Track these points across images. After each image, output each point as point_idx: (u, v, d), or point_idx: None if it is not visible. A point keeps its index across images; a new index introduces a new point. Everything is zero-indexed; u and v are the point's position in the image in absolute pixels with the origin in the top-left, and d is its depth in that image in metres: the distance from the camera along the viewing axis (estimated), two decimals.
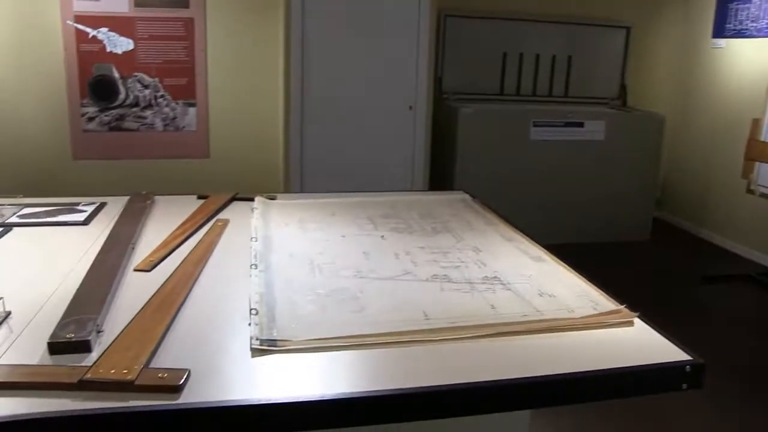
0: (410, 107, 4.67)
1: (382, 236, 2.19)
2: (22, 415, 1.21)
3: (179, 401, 1.25)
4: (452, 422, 1.45)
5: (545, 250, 2.10)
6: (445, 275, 1.85)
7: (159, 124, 4.35)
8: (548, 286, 1.80)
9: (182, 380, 1.29)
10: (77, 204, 2.50)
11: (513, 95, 6.09)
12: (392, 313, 1.60)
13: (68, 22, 4.21)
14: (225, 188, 2.83)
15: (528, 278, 1.85)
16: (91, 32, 4.30)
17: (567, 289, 1.78)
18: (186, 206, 2.50)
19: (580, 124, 5.59)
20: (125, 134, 4.31)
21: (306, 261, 1.94)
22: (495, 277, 1.85)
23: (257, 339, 1.45)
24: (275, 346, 1.43)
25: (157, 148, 4.30)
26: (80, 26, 4.24)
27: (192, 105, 4.35)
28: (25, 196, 2.64)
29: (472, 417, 1.44)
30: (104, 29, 4.25)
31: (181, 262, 1.90)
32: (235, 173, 4.28)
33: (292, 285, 1.76)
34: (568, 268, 1.95)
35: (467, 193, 2.81)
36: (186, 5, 4.27)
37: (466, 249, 2.09)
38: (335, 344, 1.45)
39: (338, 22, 4.31)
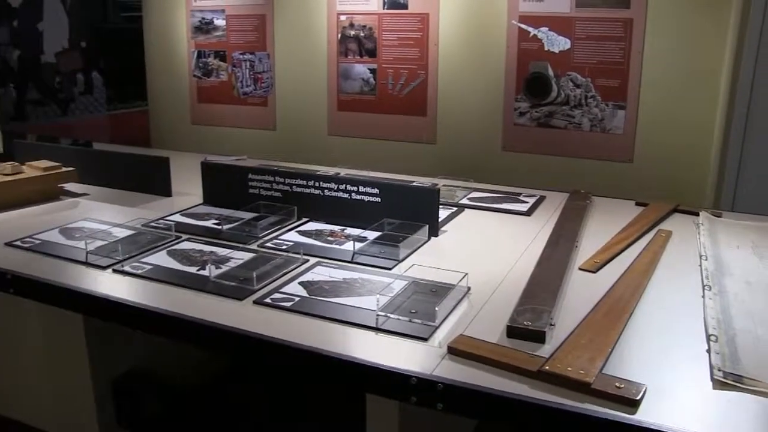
0: None
1: None
2: (483, 387, 1.29)
3: (637, 417, 1.20)
4: None
5: None
6: None
7: (586, 123, 4.33)
8: None
9: (640, 395, 1.24)
10: (519, 194, 2.62)
11: None
12: None
13: (513, 21, 4.41)
14: (646, 195, 2.71)
15: None
16: (533, 31, 4.45)
17: None
18: (624, 211, 2.44)
19: None
20: (552, 131, 4.39)
21: (765, 291, 1.74)
22: None
23: (720, 370, 1.33)
24: (741, 383, 1.30)
25: (581, 148, 4.30)
26: (523, 25, 4.42)
27: (621, 107, 4.24)
28: (453, 179, 2.87)
29: None
30: (544, 28, 4.37)
31: (627, 269, 1.85)
32: (658, 180, 4.06)
33: (753, 317, 1.58)
34: None
35: None
36: (627, 5, 4.16)
37: None
38: None
39: None
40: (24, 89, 8.28)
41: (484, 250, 2.06)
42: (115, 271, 1.88)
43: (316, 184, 2.27)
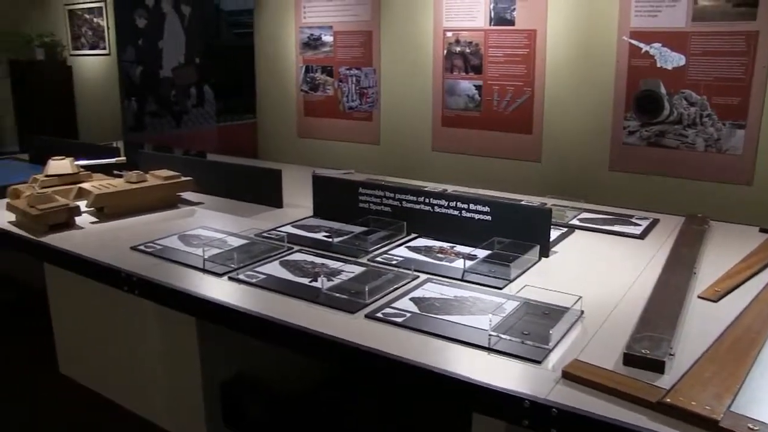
0: None
1: None
2: (599, 415, 1.25)
3: None
4: None
5: None
6: None
7: (700, 143, 4.16)
8: None
9: None
10: (631, 217, 2.54)
11: None
12: None
13: (624, 37, 4.30)
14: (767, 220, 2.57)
15: None
16: (644, 47, 4.32)
17: None
18: (746, 237, 2.33)
19: None
20: (664, 151, 4.24)
21: None
22: None
23: None
24: None
25: (694, 169, 4.12)
26: (634, 41, 4.30)
27: (740, 126, 4.05)
28: (563, 198, 2.82)
29: None
30: (657, 44, 4.24)
31: (753, 300, 1.75)
32: None
33: None
34: None
35: None
36: (753, 17, 3.96)
37: None
38: None
39: None
40: (144, 102, 8.78)
41: (596, 273, 2.01)
42: (230, 278, 1.95)
43: (426, 201, 2.28)
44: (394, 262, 2.03)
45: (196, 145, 8.42)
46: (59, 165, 2.99)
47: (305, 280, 1.89)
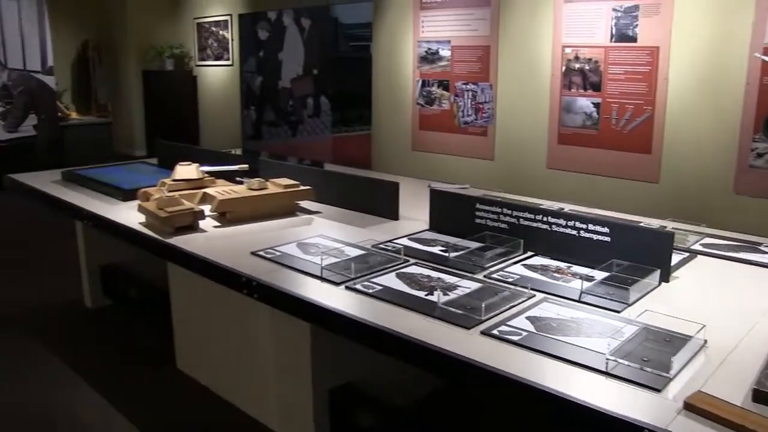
0: None
1: None
2: None
3: None
4: None
5: None
6: None
7: None
8: None
9: None
10: (760, 244, 2.42)
11: None
12: None
13: (756, 54, 4.11)
14: None
15: None
16: None
17: None
18: None
19: None
20: None
21: None
22: None
23: None
24: None
25: None
26: (767, 58, 4.10)
27: None
28: (682, 222, 2.72)
29: None
30: None
31: None
32: None
33: None
34: None
35: None
36: None
37: None
38: None
39: None
40: (262, 112, 9.15)
41: (720, 302, 1.93)
42: (347, 288, 2.01)
43: (544, 219, 2.26)
44: (510, 280, 2.03)
45: (310, 155, 8.68)
46: (186, 170, 3.16)
47: (421, 294, 1.93)
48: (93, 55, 10.28)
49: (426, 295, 1.92)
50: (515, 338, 1.63)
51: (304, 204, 3.08)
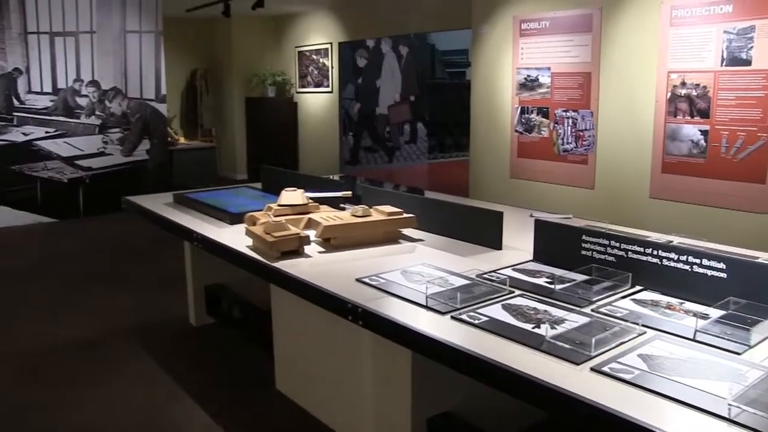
0: None
1: None
2: None
3: None
4: None
5: None
6: None
7: None
8: None
9: None
10: None
11: None
12: None
13: None
14: None
15: None
16: None
17: None
18: None
19: None
20: None
21: None
22: None
23: None
24: None
25: None
26: None
27: None
28: None
29: None
30: None
31: None
32: None
33: None
34: None
35: None
36: None
37: None
38: None
39: None
40: (359, 137, 9.33)
41: None
42: (453, 318, 2.01)
43: (654, 252, 2.20)
44: (618, 314, 1.98)
45: (406, 181, 8.78)
46: (291, 196, 3.26)
47: (528, 326, 1.91)
48: (201, 83, 10.80)
49: (533, 327, 1.90)
50: (627, 376, 1.59)
51: (407, 231, 3.11)
